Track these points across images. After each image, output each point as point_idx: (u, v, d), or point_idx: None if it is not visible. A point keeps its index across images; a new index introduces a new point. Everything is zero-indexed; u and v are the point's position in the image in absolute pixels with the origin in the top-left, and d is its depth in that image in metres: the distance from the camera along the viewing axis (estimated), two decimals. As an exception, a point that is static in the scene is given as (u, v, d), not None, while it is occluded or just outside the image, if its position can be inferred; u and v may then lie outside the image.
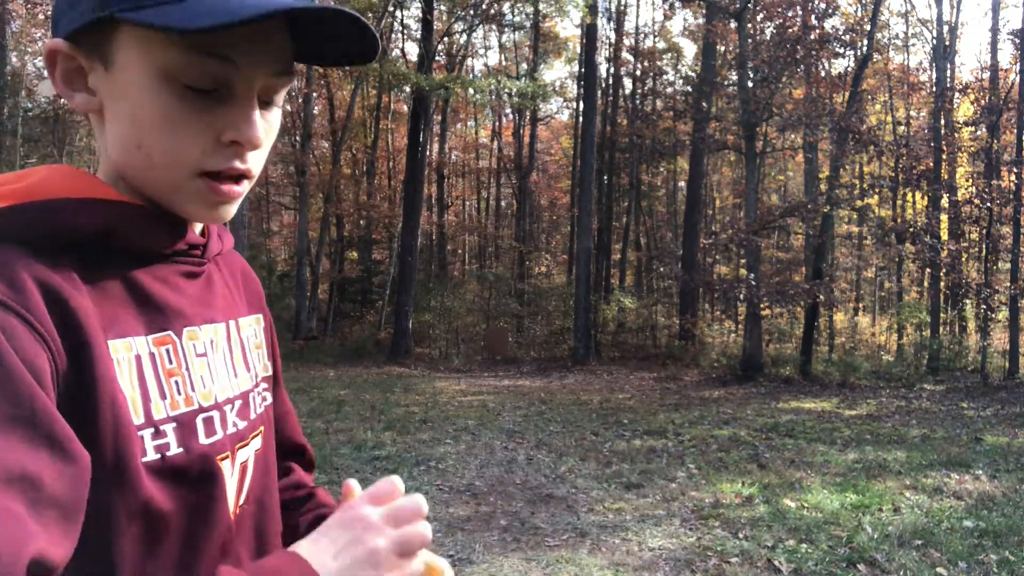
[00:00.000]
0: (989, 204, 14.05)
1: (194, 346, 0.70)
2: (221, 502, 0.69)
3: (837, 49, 14.91)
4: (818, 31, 14.03)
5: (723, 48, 18.27)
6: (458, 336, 19.54)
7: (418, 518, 0.62)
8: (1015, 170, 13.86)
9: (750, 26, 15.68)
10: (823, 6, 14.30)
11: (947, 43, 19.07)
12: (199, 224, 0.75)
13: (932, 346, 15.14)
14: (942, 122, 16.88)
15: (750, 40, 15.38)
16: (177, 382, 0.67)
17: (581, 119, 19.84)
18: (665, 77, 25.49)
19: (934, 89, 18.40)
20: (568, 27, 26.77)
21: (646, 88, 25.47)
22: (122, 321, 0.64)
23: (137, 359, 0.64)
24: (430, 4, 17.16)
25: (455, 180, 30.30)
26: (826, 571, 4.00)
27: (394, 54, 22.16)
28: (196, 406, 0.68)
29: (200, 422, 0.68)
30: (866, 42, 15.22)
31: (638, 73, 25.14)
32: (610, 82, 23.98)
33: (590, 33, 18.43)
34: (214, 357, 0.73)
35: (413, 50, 22.80)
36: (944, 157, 16.15)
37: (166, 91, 0.63)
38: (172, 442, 0.64)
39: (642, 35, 26.06)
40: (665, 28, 26.36)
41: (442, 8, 18.09)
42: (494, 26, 25.02)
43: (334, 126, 22.39)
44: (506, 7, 20.42)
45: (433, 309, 19.87)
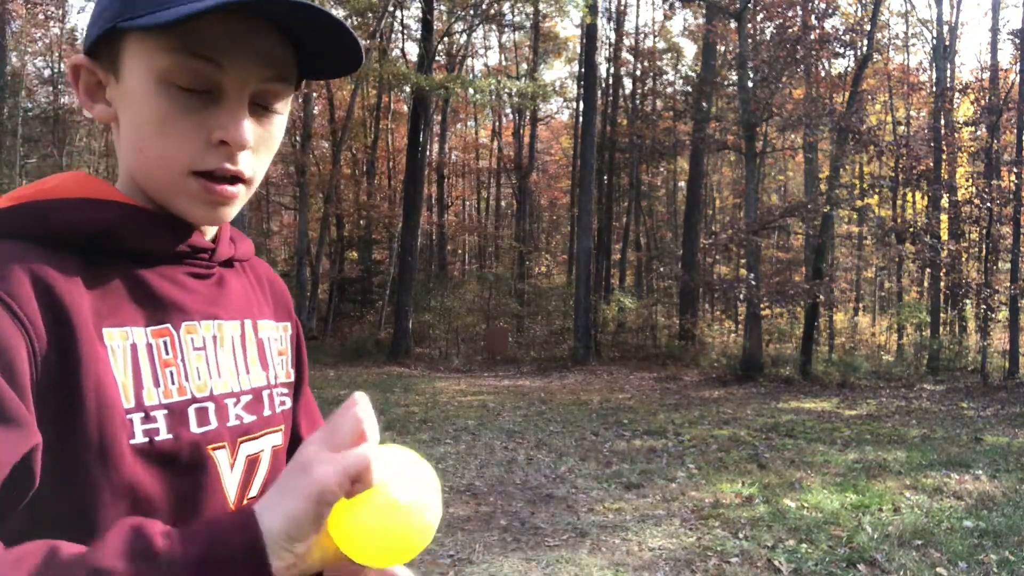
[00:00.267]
0: (989, 204, 14.05)
1: (192, 340, 0.72)
2: (214, 492, 0.71)
3: (837, 49, 14.91)
4: (818, 31, 14.03)
5: (723, 48, 18.27)
6: (458, 336, 19.54)
7: (359, 439, 0.58)
8: (1015, 170, 13.87)
9: (750, 26, 15.68)
10: (823, 6, 14.30)
11: (947, 43, 19.07)
12: (210, 230, 0.79)
13: (932, 346, 15.14)
14: (942, 122, 16.88)
15: (750, 40, 15.38)
16: (172, 372, 0.69)
17: (581, 119, 19.84)
18: (665, 77, 25.50)
19: (934, 89, 18.41)
20: (568, 27, 26.78)
21: (646, 88, 25.47)
22: (122, 312, 0.68)
23: (133, 348, 0.67)
24: (430, 4, 17.16)
25: (455, 180, 30.31)
26: (826, 571, 4.00)
27: (394, 54, 22.15)
28: (189, 396, 0.70)
29: (192, 411, 0.70)
30: (866, 42, 15.22)
31: (638, 73, 25.15)
32: (610, 82, 23.98)
33: (590, 33, 18.43)
34: (217, 352, 0.75)
35: (413, 50, 22.80)
36: (944, 157, 16.15)
37: (161, 94, 0.68)
38: (162, 428, 0.67)
39: (642, 35, 26.08)
40: (665, 28, 26.37)
41: (442, 8, 18.08)
42: (494, 26, 25.01)
43: (334, 126, 22.41)
44: (506, 7, 20.41)
45: (433, 309, 19.87)
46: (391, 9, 18.21)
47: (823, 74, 16.36)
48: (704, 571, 4.01)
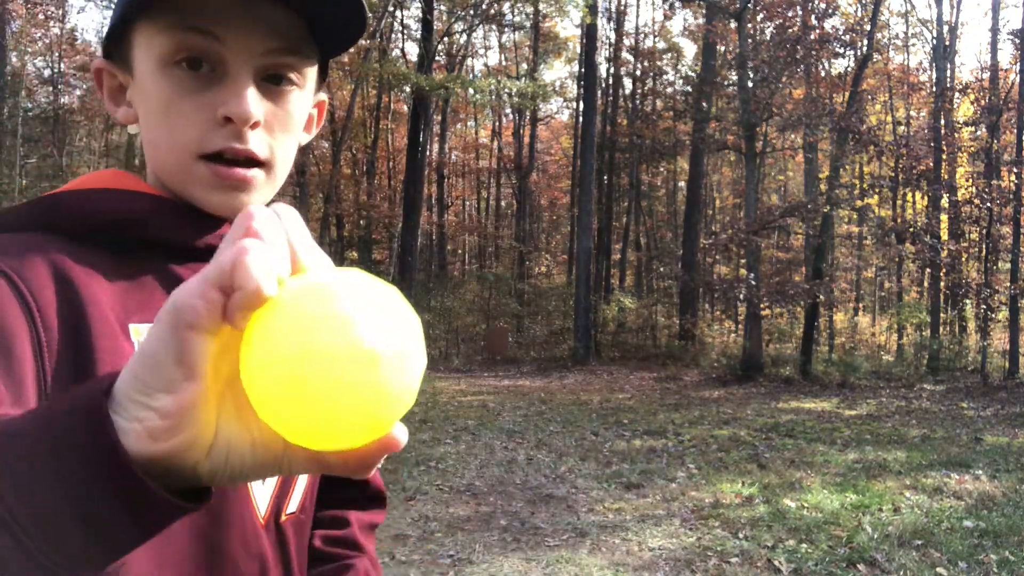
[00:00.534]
0: (989, 204, 14.05)
1: None
2: (241, 503, 0.68)
3: (837, 49, 14.92)
4: (818, 31, 14.04)
5: (723, 48, 18.27)
6: (458, 336, 19.54)
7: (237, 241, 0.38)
8: (1015, 170, 13.87)
9: (750, 26, 15.68)
10: (823, 6, 14.31)
11: (947, 43, 19.07)
12: None
13: (932, 346, 15.14)
14: (942, 122, 16.88)
15: (750, 40, 15.39)
16: None
17: (581, 119, 19.84)
18: (665, 77, 25.51)
19: (934, 89, 18.41)
20: (568, 27, 26.80)
21: (646, 88, 25.47)
22: (152, 307, 0.65)
23: None
24: (430, 4, 17.17)
25: (455, 180, 30.31)
26: (826, 571, 4.00)
27: (394, 54, 22.16)
28: None
29: None
30: (866, 42, 15.22)
31: (638, 73, 25.15)
32: (610, 82, 23.99)
33: (590, 33, 18.43)
34: None
35: (413, 50, 22.82)
36: (944, 157, 16.15)
37: (164, 78, 0.66)
38: None
39: (642, 35, 26.09)
40: (665, 28, 26.38)
41: (442, 8, 18.09)
42: (494, 26, 25.02)
43: (334, 126, 22.38)
44: (506, 7, 20.42)
45: (433, 309, 19.87)
46: (391, 9, 18.20)
47: (823, 74, 16.36)
48: (704, 571, 4.00)
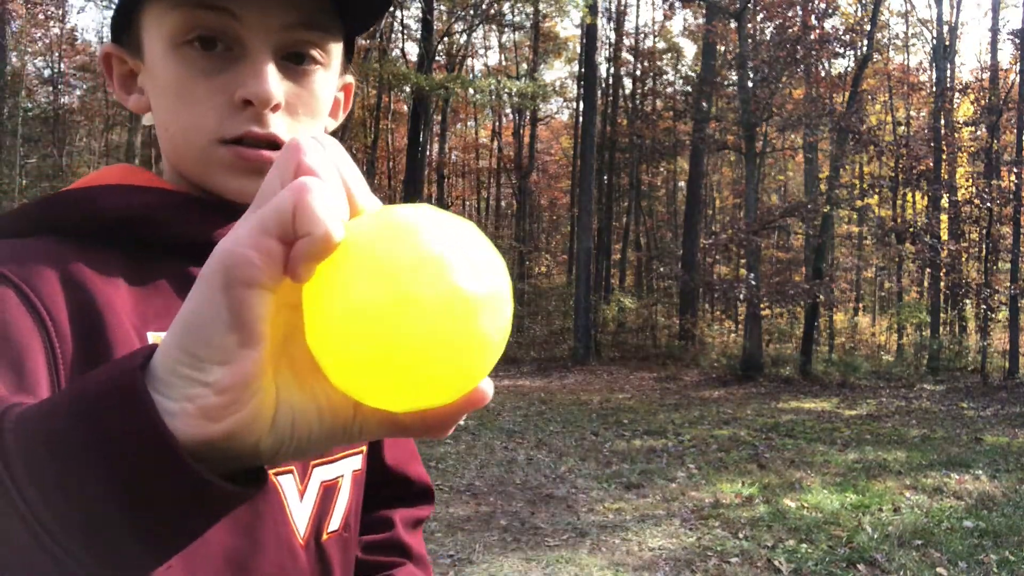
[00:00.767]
0: (989, 204, 14.06)
1: None
2: (278, 524, 0.64)
3: (837, 49, 14.91)
4: (818, 31, 14.04)
5: (723, 48, 18.27)
6: (458, 336, 19.53)
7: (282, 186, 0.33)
8: (1015, 170, 13.87)
9: (750, 26, 15.68)
10: (823, 6, 14.31)
11: (947, 43, 19.07)
12: None
13: (932, 346, 15.14)
14: (942, 122, 16.89)
15: (750, 40, 15.39)
16: None
17: (581, 119, 19.83)
18: (665, 77, 25.52)
19: (934, 89, 18.41)
20: (568, 27, 26.82)
21: (646, 88, 25.48)
22: (172, 315, 0.59)
23: None
24: (430, 4, 17.16)
25: (455, 180, 30.31)
26: (826, 571, 4.00)
27: (394, 54, 22.16)
28: None
29: None
30: (866, 42, 15.23)
31: (638, 73, 25.16)
32: (610, 82, 23.99)
33: (590, 33, 18.43)
34: None
35: (413, 50, 22.80)
36: (944, 157, 16.15)
37: (175, 58, 0.61)
38: None
39: (642, 35, 26.09)
40: (665, 28, 26.38)
41: (442, 8, 18.08)
42: (494, 26, 25.01)
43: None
44: (506, 7, 20.42)
45: (433, 309, 19.85)
46: (391, 9, 18.20)
47: (823, 74, 16.35)
48: (704, 571, 4.00)
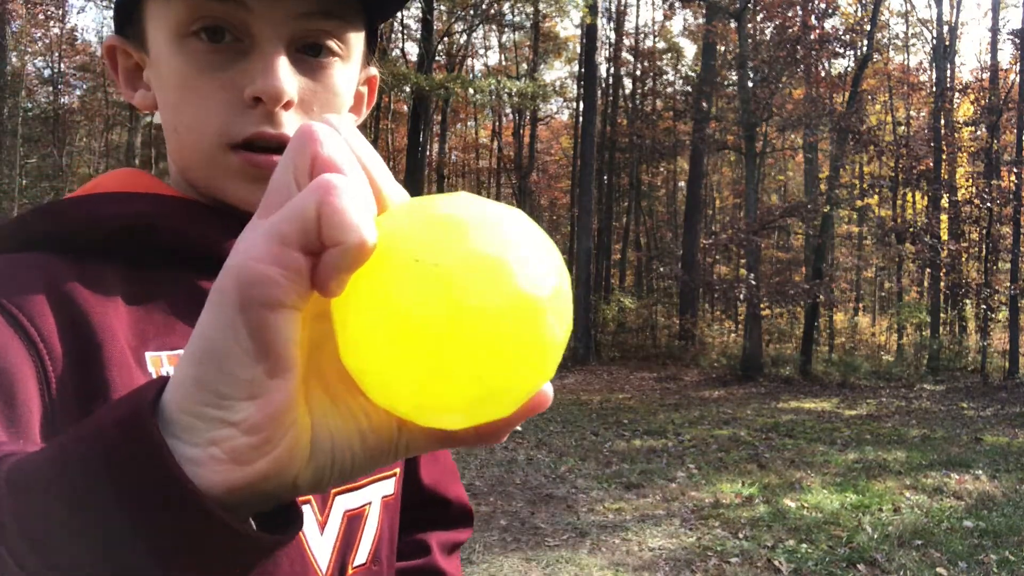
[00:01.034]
0: (989, 204, 14.06)
1: None
2: (295, 560, 0.59)
3: (837, 49, 14.92)
4: (818, 31, 14.04)
5: (723, 48, 18.28)
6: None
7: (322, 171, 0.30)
8: (1015, 170, 13.87)
9: (750, 26, 15.69)
10: (823, 6, 14.32)
11: (947, 43, 19.07)
12: None
13: (932, 346, 15.14)
14: (942, 122, 16.88)
15: (750, 40, 15.39)
16: None
17: (581, 119, 19.83)
18: (665, 77, 25.52)
19: (934, 89, 18.41)
20: (568, 27, 26.78)
21: (646, 88, 25.48)
22: (174, 333, 0.57)
23: None
24: (430, 4, 17.16)
25: (455, 180, 30.30)
26: (826, 571, 4.00)
27: (394, 54, 22.15)
28: None
29: None
30: (866, 42, 15.23)
31: (638, 73, 25.16)
32: (610, 82, 23.99)
33: (590, 33, 18.43)
34: None
35: (413, 50, 22.80)
36: (944, 157, 16.15)
37: (179, 51, 0.57)
38: None
39: (642, 35, 26.09)
40: (665, 28, 26.38)
41: (442, 8, 18.08)
42: (494, 26, 25.01)
43: (334, 126, 22.37)
44: (506, 7, 20.41)
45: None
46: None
47: (823, 74, 16.35)
48: (704, 571, 4.00)
